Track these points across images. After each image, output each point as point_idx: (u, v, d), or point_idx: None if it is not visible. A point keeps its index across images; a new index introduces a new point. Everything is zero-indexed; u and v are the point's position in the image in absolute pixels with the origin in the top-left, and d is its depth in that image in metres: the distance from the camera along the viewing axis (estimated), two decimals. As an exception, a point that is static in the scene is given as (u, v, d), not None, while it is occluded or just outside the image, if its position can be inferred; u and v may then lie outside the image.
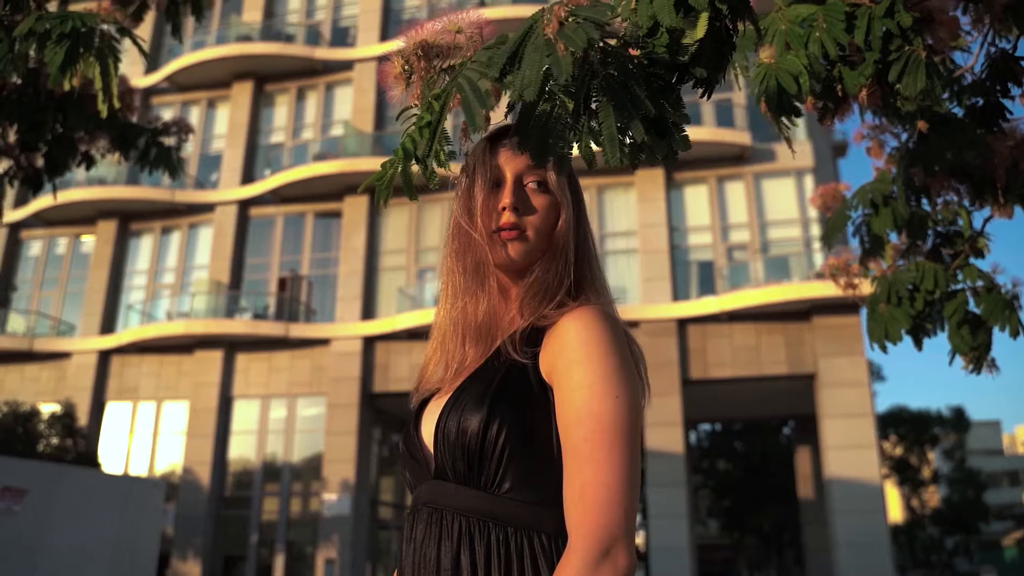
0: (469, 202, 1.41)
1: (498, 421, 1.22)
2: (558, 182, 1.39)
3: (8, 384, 20.39)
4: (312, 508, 18.78)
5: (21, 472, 9.85)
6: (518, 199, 1.37)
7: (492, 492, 1.22)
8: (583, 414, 1.16)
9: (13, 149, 4.74)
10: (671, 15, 1.28)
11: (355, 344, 18.78)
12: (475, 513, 1.22)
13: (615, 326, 1.26)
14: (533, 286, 1.34)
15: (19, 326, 21.39)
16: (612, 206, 19.02)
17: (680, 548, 16.28)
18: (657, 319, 17.27)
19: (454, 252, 1.43)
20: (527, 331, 1.31)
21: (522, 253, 1.36)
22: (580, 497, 1.13)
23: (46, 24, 2.86)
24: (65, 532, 9.90)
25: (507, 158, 1.41)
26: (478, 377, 1.30)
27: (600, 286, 1.40)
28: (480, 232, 1.37)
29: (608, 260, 18.71)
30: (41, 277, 22.09)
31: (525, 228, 1.36)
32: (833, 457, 16.03)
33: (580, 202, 1.45)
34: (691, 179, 18.49)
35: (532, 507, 1.21)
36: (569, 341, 1.22)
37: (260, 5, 22.38)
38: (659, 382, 16.92)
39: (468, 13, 1.41)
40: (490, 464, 1.22)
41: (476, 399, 1.25)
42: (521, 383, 1.26)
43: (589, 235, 1.45)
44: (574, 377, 1.19)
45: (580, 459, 1.15)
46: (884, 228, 3.00)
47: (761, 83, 1.96)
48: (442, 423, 1.26)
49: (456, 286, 1.41)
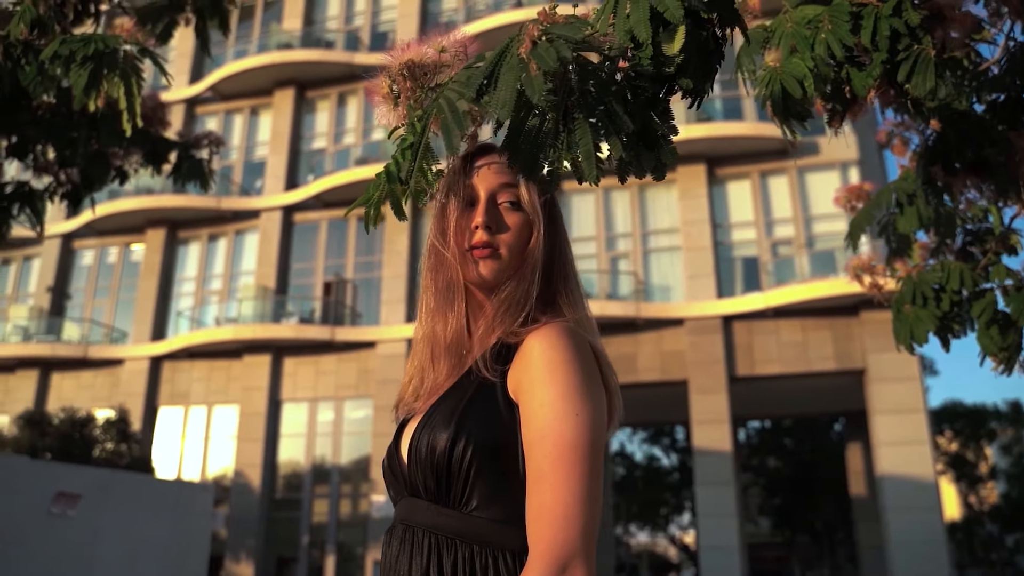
0: (443, 221, 1.42)
1: (464, 439, 1.23)
2: (531, 200, 1.39)
3: (64, 391, 20.89)
4: (362, 509, 18.93)
5: (75, 478, 10.09)
6: (491, 217, 1.37)
7: (460, 510, 1.24)
8: (544, 433, 1.17)
9: (52, 166, 4.86)
10: (646, 30, 1.26)
11: (400, 346, 18.91)
12: (443, 531, 1.24)
13: (580, 343, 1.26)
14: (504, 303, 1.35)
15: (74, 334, 21.91)
16: (654, 204, 18.90)
17: (730, 547, 16.11)
18: (702, 316, 17.13)
19: (428, 271, 1.44)
20: (497, 348, 1.32)
21: (495, 271, 1.36)
22: (539, 514, 1.14)
23: (70, 47, 2.93)
24: (117, 536, 10.12)
25: (481, 177, 1.41)
26: (449, 396, 1.31)
27: (575, 301, 1.40)
28: (452, 251, 1.38)
29: (651, 258, 18.61)
30: (94, 286, 22.60)
31: (498, 246, 1.36)
32: (885, 454, 15.74)
33: (556, 218, 1.45)
34: (734, 174, 18.29)
35: (499, 525, 1.22)
36: (533, 359, 1.23)
37: (300, 12, 22.63)
38: (705, 380, 16.79)
39: (453, 32, 1.41)
40: (457, 482, 1.23)
41: (445, 418, 1.27)
42: (489, 401, 1.27)
43: (566, 251, 1.45)
44: (536, 396, 1.20)
45: (540, 477, 1.16)
46: (910, 227, 2.93)
47: (766, 87, 1.93)
48: (414, 442, 1.28)
49: (428, 305, 1.43)
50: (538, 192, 1.40)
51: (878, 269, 3.06)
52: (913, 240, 3.05)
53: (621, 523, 36.50)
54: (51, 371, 21.25)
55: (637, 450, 39.56)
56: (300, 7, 22.68)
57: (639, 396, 19.43)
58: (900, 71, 1.93)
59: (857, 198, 3.16)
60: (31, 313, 22.05)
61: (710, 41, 1.40)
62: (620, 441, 35.72)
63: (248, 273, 21.07)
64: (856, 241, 2.97)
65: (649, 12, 1.25)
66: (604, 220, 18.98)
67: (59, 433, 16.84)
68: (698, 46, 1.37)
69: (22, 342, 21.25)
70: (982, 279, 2.82)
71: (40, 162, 4.83)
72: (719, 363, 16.86)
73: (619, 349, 17.66)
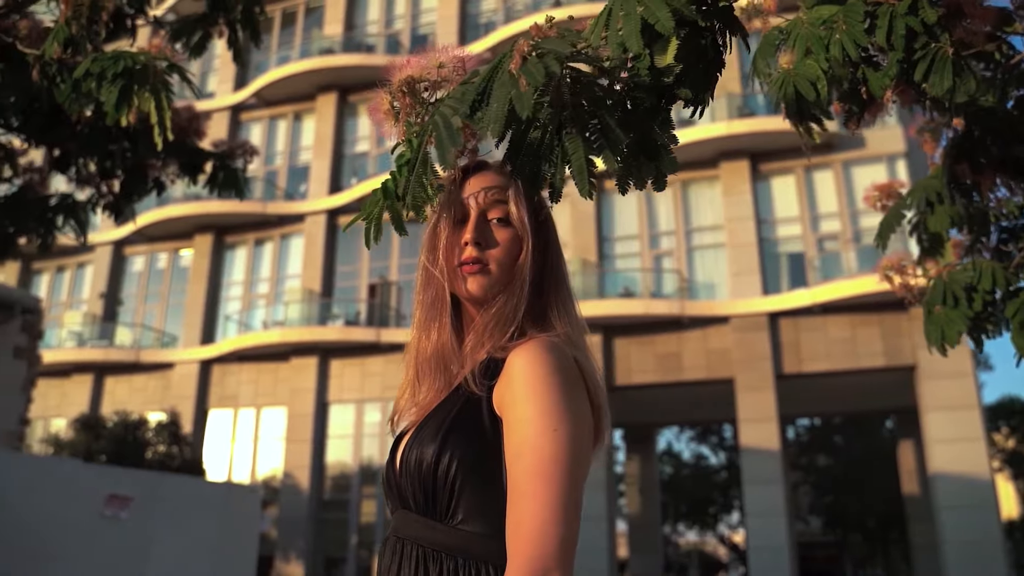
0: (434, 238, 1.44)
1: (449, 454, 1.26)
2: (519, 216, 1.40)
3: (118, 394, 21.34)
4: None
5: (126, 480, 10.30)
6: (480, 233, 1.39)
7: (447, 523, 1.26)
8: (522, 448, 1.19)
9: (94, 178, 4.97)
10: (638, 42, 1.25)
11: (451, 346, 18.97)
12: (431, 543, 1.26)
13: (562, 358, 1.27)
14: (493, 318, 1.36)
15: (126, 339, 22.37)
16: (697, 201, 18.75)
17: (779, 546, 15.92)
18: (748, 314, 16.95)
19: (418, 286, 1.47)
20: (486, 363, 1.34)
21: (484, 286, 1.38)
22: (517, 528, 1.16)
23: (101, 64, 3.00)
24: (168, 537, 10.31)
25: (472, 193, 1.43)
26: (438, 410, 1.34)
27: (565, 314, 1.41)
28: (440, 268, 1.40)
29: (695, 256, 18.46)
30: (145, 291, 23.05)
31: (487, 262, 1.38)
32: (938, 451, 15.43)
33: (548, 232, 1.46)
34: (778, 170, 18.07)
35: (483, 538, 1.24)
36: (515, 375, 1.25)
37: (341, 18, 22.83)
38: (752, 377, 16.61)
39: (450, 48, 1.42)
40: (443, 496, 1.26)
41: (432, 432, 1.29)
42: (475, 416, 1.29)
43: (558, 265, 1.46)
44: (516, 411, 1.22)
45: (519, 492, 1.18)
46: (941, 226, 2.87)
47: (779, 90, 1.91)
48: (404, 455, 1.32)
49: (418, 320, 1.45)
50: (529, 208, 1.41)
51: (908, 269, 3.00)
52: (946, 239, 2.99)
53: (669, 522, 36.27)
54: (105, 375, 21.73)
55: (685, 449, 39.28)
56: (341, 12, 22.89)
57: (685, 395, 19.30)
58: (917, 71, 1.89)
59: (887, 196, 3.10)
60: (85, 319, 22.57)
61: (709, 49, 1.39)
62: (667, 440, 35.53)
63: (294, 276, 21.32)
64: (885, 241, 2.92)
65: (640, 24, 1.24)
66: (647, 218, 18.88)
67: (113, 436, 17.19)
68: (697, 55, 1.36)
69: (77, 347, 21.76)
70: (1016, 278, 2.76)
71: (82, 174, 4.96)
72: (766, 361, 16.67)
73: (664, 348, 17.57)
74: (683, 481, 36.19)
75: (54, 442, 17.63)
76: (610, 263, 19.09)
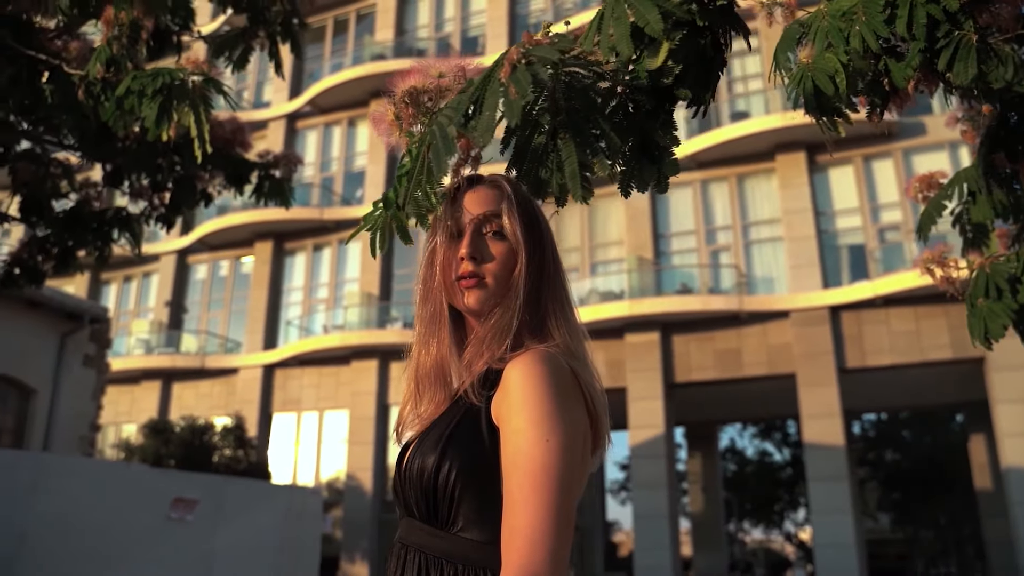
0: (431, 254, 1.47)
1: (448, 463, 1.29)
2: (512, 229, 1.42)
3: (185, 400, 21.84)
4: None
5: (191, 484, 10.54)
6: (475, 248, 1.41)
7: (447, 531, 1.29)
8: (516, 459, 1.22)
9: (146, 191, 5.11)
10: (628, 46, 1.25)
11: (509, 349, 19.00)
12: (432, 551, 1.30)
13: (557, 370, 1.29)
14: (491, 330, 1.39)
15: (192, 345, 22.90)
16: (753, 194, 18.50)
17: (846, 544, 15.60)
18: (808, 308, 16.67)
19: (418, 302, 1.50)
20: (484, 374, 1.36)
21: (481, 299, 1.40)
22: (510, 537, 1.19)
23: (141, 82, 3.08)
24: (232, 539, 10.53)
25: (467, 208, 1.44)
26: (440, 421, 1.37)
27: (564, 323, 1.42)
28: (438, 283, 1.44)
29: (753, 250, 18.22)
30: (208, 299, 23.57)
31: (484, 275, 1.40)
32: (1010, 445, 14.98)
33: (544, 243, 1.46)
34: (836, 160, 17.72)
35: (481, 546, 1.27)
36: (511, 387, 1.27)
37: (391, 23, 23.03)
38: (813, 372, 16.33)
39: (450, 58, 1.43)
40: (444, 504, 1.29)
41: (433, 443, 1.33)
42: (474, 427, 1.32)
43: (556, 275, 1.46)
44: (512, 422, 1.25)
45: (512, 501, 1.21)
46: (984, 216, 2.79)
47: (798, 85, 1.87)
48: (407, 465, 1.35)
49: (418, 334, 1.49)
50: (522, 220, 1.43)
51: (950, 262, 2.92)
52: (991, 229, 2.91)
53: (733, 520, 35.81)
54: (172, 381, 22.26)
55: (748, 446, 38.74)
56: (391, 18, 23.09)
57: (745, 391, 19.06)
58: (940, 60, 1.84)
59: (928, 187, 3.02)
60: (151, 327, 23.16)
61: (708, 49, 1.38)
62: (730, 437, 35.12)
63: (353, 281, 21.58)
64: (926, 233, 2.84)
65: (630, 28, 1.23)
66: (703, 213, 18.69)
67: (181, 441, 17.60)
68: (696, 55, 1.35)
69: (145, 355, 22.35)
70: (1063, 267, 2.66)
71: (135, 188, 5.09)
72: (828, 355, 16.37)
73: (723, 344, 17.37)
74: (747, 478, 35.70)
75: (125, 447, 18.12)
76: (666, 260, 18.94)
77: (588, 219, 19.76)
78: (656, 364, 17.64)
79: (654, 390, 17.55)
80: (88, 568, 8.94)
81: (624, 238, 19.16)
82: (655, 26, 1.22)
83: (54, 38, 4.22)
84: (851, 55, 1.85)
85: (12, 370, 12.67)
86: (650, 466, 17.43)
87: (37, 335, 13.02)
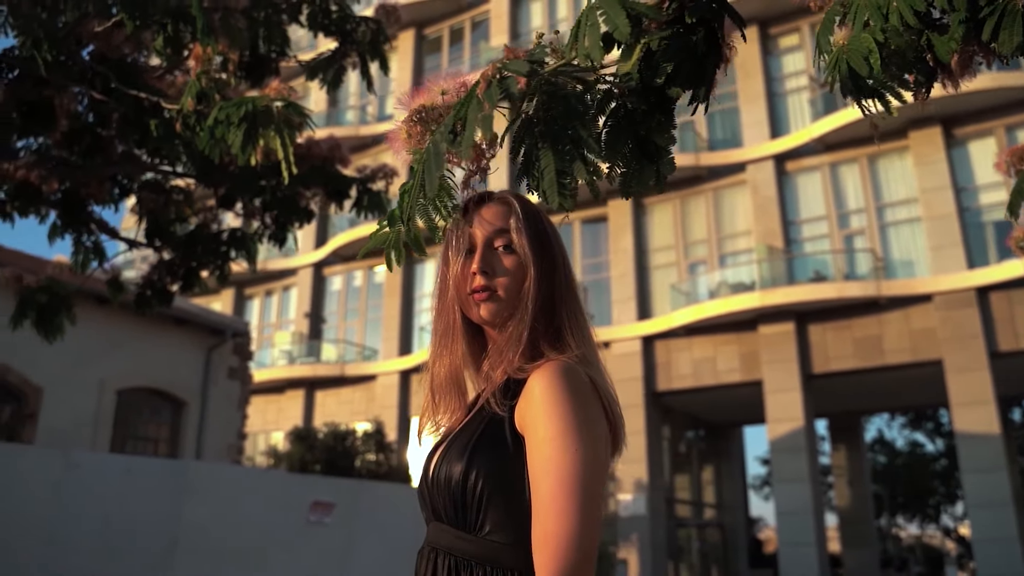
0: (445, 269, 1.55)
1: (475, 470, 1.35)
2: (521, 243, 1.48)
3: (327, 407, 22.71)
4: (610, 508, 19.11)
5: (328, 488, 10.98)
6: (486, 263, 1.48)
7: (475, 534, 1.36)
8: (546, 467, 1.28)
9: (257, 211, 5.38)
10: (600, 52, 1.25)
11: (634, 345, 18.93)
12: (461, 553, 1.36)
13: (576, 380, 1.35)
14: (507, 341, 1.46)
15: (331, 354, 23.78)
16: (887, 175, 17.71)
17: (1008, 538, 14.71)
18: (952, 290, 15.83)
19: (433, 317, 1.58)
20: (505, 383, 1.43)
21: (494, 312, 1.47)
22: (543, 542, 1.25)
23: (226, 112, 3.26)
24: (368, 541, 10.89)
25: (478, 224, 1.52)
26: (464, 429, 1.44)
27: (579, 333, 1.48)
28: (451, 298, 1.52)
29: (889, 232, 17.45)
30: (344, 308, 24.43)
31: (496, 289, 1.47)
32: None
33: (554, 255, 1.52)
34: (974, 133, 16.75)
35: (508, 548, 1.33)
36: (534, 398, 1.34)
37: (505, 28, 23.24)
38: (962, 358, 15.50)
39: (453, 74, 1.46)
40: (471, 509, 1.36)
41: (459, 450, 1.40)
42: (498, 435, 1.38)
43: (569, 285, 1.52)
44: (538, 432, 1.31)
45: (543, 508, 1.27)
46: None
47: (833, 69, 1.81)
48: (434, 472, 1.43)
49: (433, 347, 1.56)
50: (530, 234, 1.48)
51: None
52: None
53: (885, 515, 34.30)
54: (314, 389, 23.18)
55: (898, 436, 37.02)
56: (505, 23, 23.30)
57: (889, 380, 18.25)
58: (984, 29, 1.74)
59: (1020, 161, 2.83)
60: (293, 338, 24.19)
61: (700, 44, 1.36)
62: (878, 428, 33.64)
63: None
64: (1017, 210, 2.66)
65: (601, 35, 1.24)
66: (834, 197, 18.04)
67: (324, 446, 18.30)
68: (687, 52, 1.33)
69: (288, 365, 23.36)
70: None
71: (247, 209, 5.37)
72: (977, 339, 15.50)
73: (862, 331, 16.72)
74: (898, 471, 34.12)
75: (272, 454, 18.99)
76: (797, 247, 18.38)
77: (714, 211, 19.41)
78: (792, 355, 17.15)
79: (791, 382, 17.06)
80: (235, 570, 9.43)
81: (752, 227, 18.71)
82: (623, 30, 1.23)
83: (162, 75, 4.52)
84: (888, 32, 1.78)
85: (165, 384, 13.52)
86: (791, 460, 16.95)
87: (185, 350, 13.84)
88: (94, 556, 8.40)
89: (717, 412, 21.64)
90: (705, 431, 23.10)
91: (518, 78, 1.24)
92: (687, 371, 18.43)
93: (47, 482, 8.29)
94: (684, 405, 20.07)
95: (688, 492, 21.63)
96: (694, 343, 18.41)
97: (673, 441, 20.90)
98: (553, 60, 1.31)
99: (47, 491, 8.26)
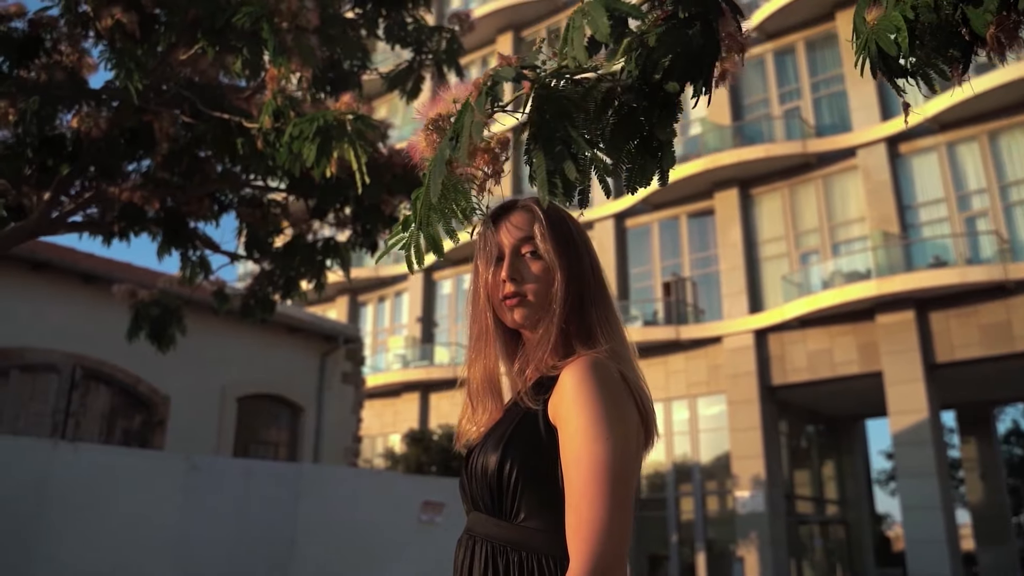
0: (476, 278, 1.64)
1: (510, 460, 1.44)
2: (545, 248, 1.55)
3: (442, 409, 23.09)
4: (728, 506, 18.81)
5: (438, 488, 11.23)
6: (514, 270, 1.56)
7: (511, 521, 1.44)
8: (579, 457, 1.35)
9: (348, 220, 5.57)
10: (584, 55, 1.28)
11: (747, 339, 18.59)
12: (498, 539, 1.44)
13: (606, 374, 1.42)
14: (540, 341, 1.53)
15: (444, 357, 24.20)
16: (1010, 152, 16.81)
17: None
18: (1088, 270, 14.94)
19: (469, 322, 1.68)
20: (538, 380, 1.51)
21: (525, 315, 1.55)
22: (577, 529, 1.32)
23: (300, 127, 3.42)
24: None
25: (505, 233, 1.60)
26: (500, 424, 1.53)
27: (610, 330, 1.55)
28: (483, 305, 1.60)
29: (1014, 212, 16.55)
30: (454, 312, 24.81)
31: (525, 294, 1.55)
32: None
33: (581, 256, 1.59)
34: (1106, 102, 15.76)
35: (543, 534, 1.41)
36: (566, 392, 1.41)
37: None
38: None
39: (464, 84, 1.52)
40: (507, 497, 1.44)
41: (495, 443, 1.48)
42: (532, 428, 1.45)
43: (599, 285, 1.60)
44: (571, 424, 1.38)
45: (577, 496, 1.34)
46: None
47: (863, 50, 1.78)
48: (472, 464, 1.51)
49: (469, 352, 1.66)
50: (555, 239, 1.55)
51: None
52: None
53: None
54: (429, 392, 23.61)
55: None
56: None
57: (1020, 367, 17.31)
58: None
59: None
60: (406, 342, 24.73)
61: (696, 37, 1.36)
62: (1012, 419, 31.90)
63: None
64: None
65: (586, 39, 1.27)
66: (952, 178, 17.26)
67: (439, 448, 18.67)
68: (683, 46, 1.34)
69: (402, 369, 23.89)
70: None
71: (339, 218, 5.57)
72: (1120, 321, 14.59)
73: (989, 317, 15.93)
74: (1038, 463, 32.28)
75: (389, 456, 19.47)
76: (915, 232, 17.67)
77: (824, 198, 18.86)
78: (914, 344, 16.48)
79: (913, 372, 16.41)
80: (351, 569, 9.75)
81: (866, 214, 18.08)
82: (603, 31, 1.26)
83: (250, 96, 4.76)
84: (919, 8, 1.73)
85: (283, 390, 14.05)
86: (916, 453, 16.29)
87: (300, 357, 14.36)
88: (217, 555, 8.83)
89: (836, 405, 20.99)
90: (824, 425, 22.43)
91: (524, 83, 1.29)
92: (802, 364, 17.96)
93: (172, 485, 8.77)
94: (801, 399, 19.58)
95: (809, 488, 21.05)
96: (808, 335, 17.92)
97: (791, 436, 20.38)
98: (554, 64, 1.36)
99: (172, 492, 8.73)
